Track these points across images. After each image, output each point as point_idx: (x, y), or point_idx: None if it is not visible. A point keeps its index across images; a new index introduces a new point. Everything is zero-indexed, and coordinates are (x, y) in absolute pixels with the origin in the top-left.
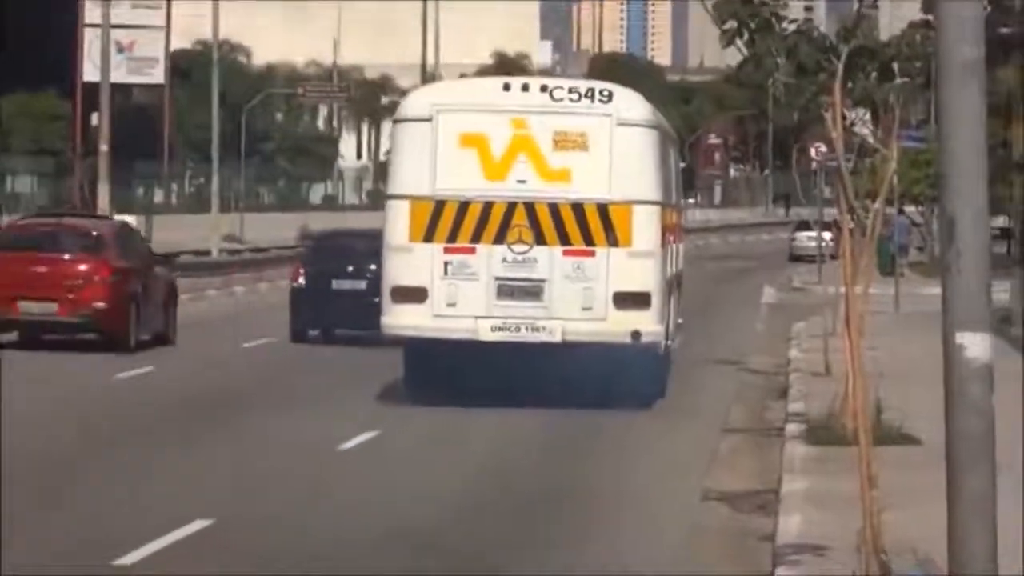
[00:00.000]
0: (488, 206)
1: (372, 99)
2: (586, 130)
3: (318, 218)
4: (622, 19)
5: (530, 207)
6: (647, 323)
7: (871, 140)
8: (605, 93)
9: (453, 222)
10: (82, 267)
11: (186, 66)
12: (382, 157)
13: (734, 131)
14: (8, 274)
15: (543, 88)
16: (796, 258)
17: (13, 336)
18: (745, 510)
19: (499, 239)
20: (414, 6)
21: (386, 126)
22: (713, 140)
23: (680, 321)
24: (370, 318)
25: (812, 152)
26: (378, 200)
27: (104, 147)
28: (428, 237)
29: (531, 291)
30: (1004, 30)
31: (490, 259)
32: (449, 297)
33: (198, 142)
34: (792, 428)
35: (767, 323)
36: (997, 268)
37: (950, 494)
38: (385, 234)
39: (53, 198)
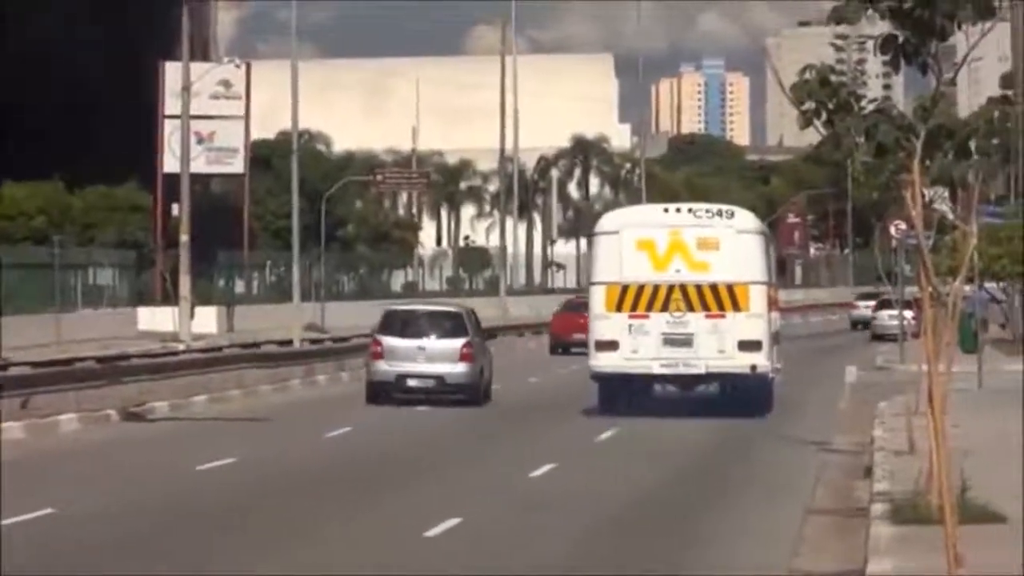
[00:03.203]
0: (656, 288)
1: (451, 184)
2: (718, 236)
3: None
4: (699, 100)
5: (683, 288)
6: (760, 360)
7: (950, 217)
8: (729, 212)
9: (634, 298)
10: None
11: (266, 154)
12: (462, 242)
13: (813, 210)
14: (573, 322)
15: (689, 210)
16: (878, 337)
17: (560, 351)
18: None
19: (664, 308)
20: (492, 91)
21: (465, 210)
22: (792, 219)
23: (779, 366)
24: None
25: (892, 230)
26: (458, 285)
27: (185, 237)
28: (618, 308)
29: (685, 341)
30: None
31: (658, 322)
32: (633, 347)
33: (278, 230)
34: (877, 508)
35: (850, 402)
36: None
37: None
38: (591, 307)
39: (134, 290)
